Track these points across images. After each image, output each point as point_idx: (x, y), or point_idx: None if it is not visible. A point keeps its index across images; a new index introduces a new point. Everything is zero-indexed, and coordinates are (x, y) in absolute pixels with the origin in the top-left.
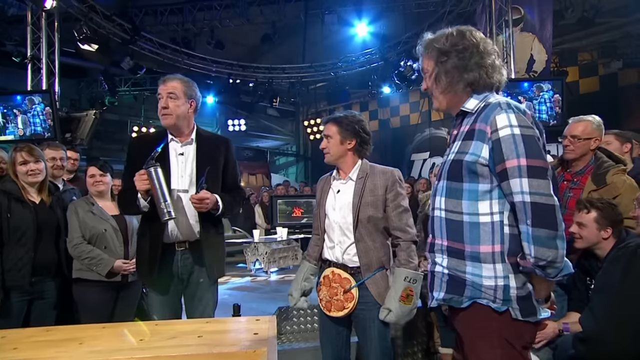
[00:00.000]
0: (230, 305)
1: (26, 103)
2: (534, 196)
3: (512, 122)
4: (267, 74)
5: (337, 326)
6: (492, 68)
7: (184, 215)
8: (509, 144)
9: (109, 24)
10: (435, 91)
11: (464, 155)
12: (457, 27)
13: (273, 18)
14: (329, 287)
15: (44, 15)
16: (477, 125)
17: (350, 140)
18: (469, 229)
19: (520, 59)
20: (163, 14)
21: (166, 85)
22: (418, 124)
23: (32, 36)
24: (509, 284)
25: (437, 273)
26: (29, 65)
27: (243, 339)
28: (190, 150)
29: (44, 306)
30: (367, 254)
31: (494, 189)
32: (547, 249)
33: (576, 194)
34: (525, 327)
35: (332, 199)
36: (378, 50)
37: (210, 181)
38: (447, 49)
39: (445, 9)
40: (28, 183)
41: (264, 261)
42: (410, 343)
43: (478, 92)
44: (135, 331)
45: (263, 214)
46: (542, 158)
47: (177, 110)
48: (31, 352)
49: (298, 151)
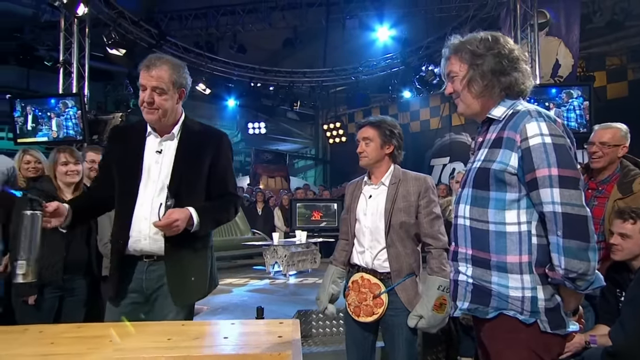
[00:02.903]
0: (250, 307)
1: (60, 106)
2: (566, 207)
3: (543, 131)
4: (288, 78)
5: (363, 331)
6: (524, 73)
7: (146, 228)
8: (539, 152)
9: (136, 29)
10: (466, 95)
11: (491, 164)
12: (489, 32)
13: (295, 23)
14: (358, 292)
15: (76, 21)
16: (505, 133)
17: (388, 145)
18: (495, 239)
19: (545, 64)
20: (187, 19)
21: (151, 75)
22: (438, 129)
23: (64, 41)
24: (536, 295)
25: (461, 282)
26: (60, 69)
27: (268, 342)
28: (171, 148)
29: (74, 303)
30: (398, 260)
31: (522, 198)
32: (578, 261)
33: (601, 202)
34: (553, 339)
35: (364, 204)
36: (399, 54)
37: (189, 189)
38: (482, 51)
39: (469, 13)
40: (65, 183)
41: (283, 264)
42: (430, 351)
43: (510, 97)
44: (163, 331)
45: (282, 217)
46: (574, 168)
47: (164, 105)
48: (66, 348)
49: (317, 154)
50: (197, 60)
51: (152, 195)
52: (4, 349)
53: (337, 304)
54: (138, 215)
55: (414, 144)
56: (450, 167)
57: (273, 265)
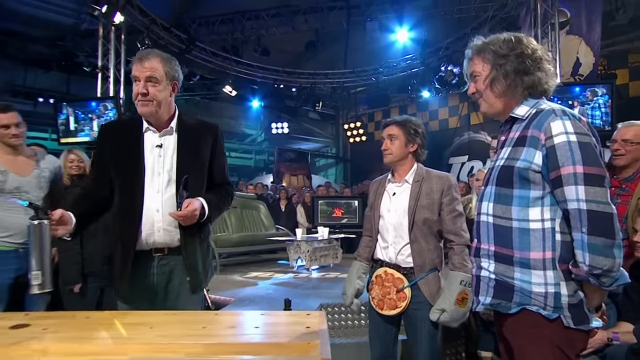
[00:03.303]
0: (276, 298)
1: (100, 109)
2: (591, 204)
3: (568, 129)
4: (310, 80)
5: (386, 324)
6: (548, 73)
7: (159, 220)
8: (564, 150)
9: (167, 35)
10: (489, 95)
11: (515, 162)
12: (512, 33)
13: (317, 26)
14: (382, 286)
15: (113, 29)
16: (529, 131)
17: (413, 144)
18: (518, 235)
19: (566, 62)
20: (215, 24)
21: (144, 67)
22: (457, 128)
23: (102, 48)
24: (559, 291)
25: (483, 278)
26: (99, 74)
27: (296, 331)
28: (171, 142)
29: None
30: (421, 255)
31: (546, 195)
32: (603, 258)
33: (624, 200)
34: (577, 335)
35: (388, 201)
36: (419, 55)
37: (194, 181)
38: (505, 52)
39: (488, 14)
40: None
41: (306, 259)
42: (449, 344)
43: (533, 96)
44: (198, 320)
45: (305, 214)
46: (600, 165)
47: (158, 96)
48: (111, 332)
49: (338, 153)
50: (223, 63)
51: (159, 188)
52: (56, 331)
53: (361, 298)
54: (149, 208)
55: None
56: (468, 165)
57: (296, 260)
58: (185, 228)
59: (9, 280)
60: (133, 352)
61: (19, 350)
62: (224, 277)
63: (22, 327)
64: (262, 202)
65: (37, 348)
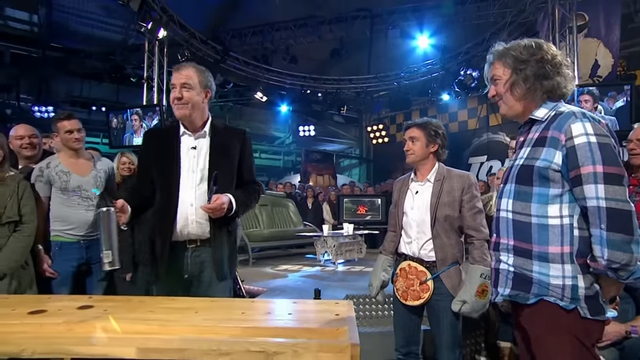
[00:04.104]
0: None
1: (148, 115)
2: (610, 202)
3: (588, 131)
4: (335, 85)
5: (410, 314)
6: (567, 77)
7: (193, 214)
8: (584, 151)
9: (204, 47)
10: (509, 98)
11: (535, 161)
12: (533, 39)
13: (341, 34)
14: (406, 279)
15: (157, 43)
16: (549, 132)
17: (433, 144)
18: (537, 230)
19: (584, 65)
20: (246, 36)
21: (180, 74)
22: (476, 129)
23: (147, 61)
24: (577, 283)
25: (502, 270)
26: (144, 84)
27: (326, 318)
28: (204, 144)
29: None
30: (442, 250)
31: (565, 193)
32: (622, 253)
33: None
34: (593, 325)
35: (411, 199)
36: (439, 60)
37: (224, 178)
38: (525, 57)
39: (507, 19)
40: None
41: (332, 253)
42: (470, 335)
43: (552, 100)
44: (237, 306)
45: (330, 211)
46: (619, 165)
47: (192, 100)
48: (162, 315)
49: (361, 154)
50: (255, 71)
51: (193, 185)
52: (114, 312)
53: (386, 290)
54: (184, 203)
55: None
56: (487, 165)
57: (323, 254)
58: (214, 221)
59: (72, 268)
60: (181, 332)
61: (85, 327)
62: (256, 270)
63: (87, 308)
64: (290, 200)
65: (100, 326)
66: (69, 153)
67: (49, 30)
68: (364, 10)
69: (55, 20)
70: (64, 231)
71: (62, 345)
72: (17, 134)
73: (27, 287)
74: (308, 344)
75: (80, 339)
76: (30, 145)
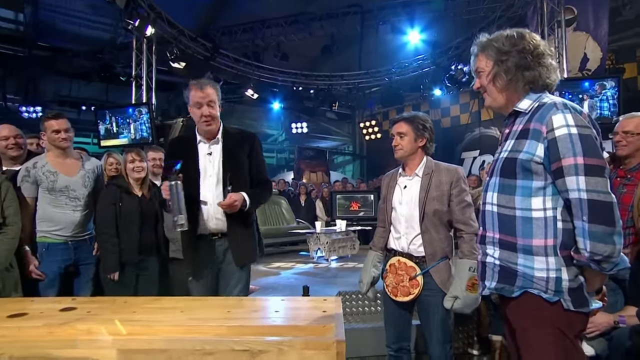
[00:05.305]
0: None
1: (136, 114)
2: (591, 193)
3: (569, 122)
4: (327, 81)
5: (400, 310)
6: (550, 68)
7: (212, 211)
8: (565, 143)
9: (193, 44)
10: (492, 89)
11: (518, 154)
12: (515, 29)
13: (332, 31)
14: (395, 275)
15: (145, 41)
16: (531, 124)
17: (421, 138)
18: (521, 223)
19: (573, 58)
20: (237, 33)
21: (205, 93)
22: (468, 124)
23: (136, 59)
24: (561, 276)
25: (489, 264)
26: (133, 82)
27: (313, 315)
28: (217, 150)
29: (148, 280)
30: (432, 245)
31: (548, 186)
32: (604, 245)
33: (630, 190)
34: (577, 317)
35: (399, 194)
36: (430, 55)
37: (236, 179)
38: (507, 48)
39: (496, 14)
40: (134, 179)
41: (325, 250)
42: (462, 329)
43: (535, 91)
44: (224, 304)
45: (323, 208)
46: (600, 157)
47: (215, 115)
48: (146, 316)
49: (354, 150)
50: (245, 69)
51: (210, 187)
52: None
53: (377, 286)
54: (204, 202)
55: (445, 138)
56: (480, 159)
57: (316, 251)
58: (229, 216)
59: (59, 269)
60: (165, 332)
61: (67, 329)
62: None
63: (69, 310)
64: (283, 198)
65: (82, 328)
66: (56, 153)
67: (35, 29)
68: (355, 6)
69: (41, 19)
70: (51, 232)
71: (42, 349)
72: (1, 135)
73: (12, 289)
74: (293, 342)
75: (60, 342)
76: (15, 145)
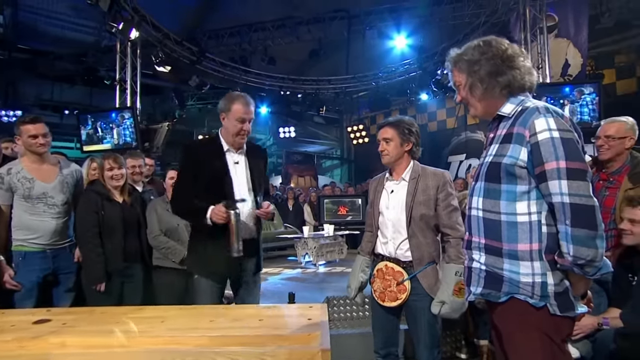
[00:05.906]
0: (284, 293)
1: (119, 119)
2: (574, 197)
3: (551, 126)
4: (314, 86)
5: (388, 315)
6: (523, 69)
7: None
8: (548, 147)
9: (179, 48)
10: (472, 100)
11: (502, 158)
12: (482, 38)
13: (319, 35)
14: (383, 280)
15: (129, 44)
16: (515, 128)
17: (407, 143)
18: (506, 228)
19: (555, 64)
20: (223, 37)
21: (250, 110)
22: (454, 128)
23: (120, 62)
24: (546, 280)
25: (475, 269)
26: (117, 86)
27: (298, 323)
28: (242, 159)
29: (133, 288)
30: (419, 249)
31: (532, 190)
32: (586, 249)
33: (612, 193)
34: (563, 321)
35: (386, 199)
36: (416, 60)
37: (259, 188)
38: (476, 58)
39: (480, 19)
40: (112, 186)
41: (313, 255)
42: (449, 333)
43: (514, 94)
44: (207, 313)
45: (311, 212)
46: (582, 160)
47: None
48: (125, 327)
49: (342, 155)
50: (232, 73)
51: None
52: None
53: (365, 291)
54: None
55: (431, 143)
56: (466, 163)
57: (304, 256)
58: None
59: (37, 279)
60: (144, 344)
61: (39, 343)
62: None
63: (43, 322)
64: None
65: (56, 342)
66: (32, 158)
67: (15, 31)
68: (342, 11)
69: (21, 21)
70: (27, 240)
71: None
72: None
73: None
74: (277, 352)
75: (31, 356)
76: None
